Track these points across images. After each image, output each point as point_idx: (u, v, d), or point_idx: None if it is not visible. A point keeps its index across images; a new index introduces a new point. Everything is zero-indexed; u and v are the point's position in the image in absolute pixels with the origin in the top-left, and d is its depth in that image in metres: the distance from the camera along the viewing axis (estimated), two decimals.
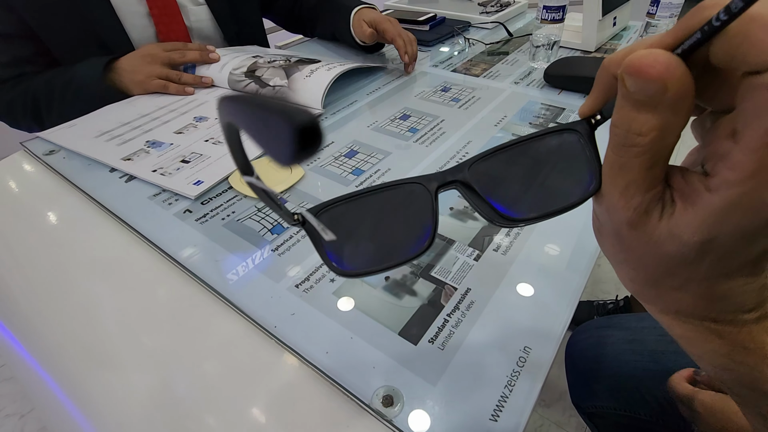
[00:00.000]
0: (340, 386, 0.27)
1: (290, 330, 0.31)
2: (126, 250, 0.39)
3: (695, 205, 0.13)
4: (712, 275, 0.15)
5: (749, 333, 0.16)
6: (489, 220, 0.19)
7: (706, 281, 0.15)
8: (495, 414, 0.26)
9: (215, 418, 0.27)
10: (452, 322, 0.31)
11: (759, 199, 0.12)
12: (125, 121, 0.58)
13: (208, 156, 0.50)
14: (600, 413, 0.55)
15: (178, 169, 0.48)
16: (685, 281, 0.15)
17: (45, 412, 0.34)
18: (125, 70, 0.62)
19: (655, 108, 0.13)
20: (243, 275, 0.35)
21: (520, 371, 0.28)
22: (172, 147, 0.52)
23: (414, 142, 0.53)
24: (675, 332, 0.17)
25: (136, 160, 0.50)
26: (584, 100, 0.19)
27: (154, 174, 0.47)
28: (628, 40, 0.84)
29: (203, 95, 0.65)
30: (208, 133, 0.55)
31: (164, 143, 0.53)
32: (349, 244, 0.19)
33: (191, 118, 0.58)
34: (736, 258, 0.14)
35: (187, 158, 0.50)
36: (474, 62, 0.76)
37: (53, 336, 0.33)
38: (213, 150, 0.51)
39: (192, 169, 0.48)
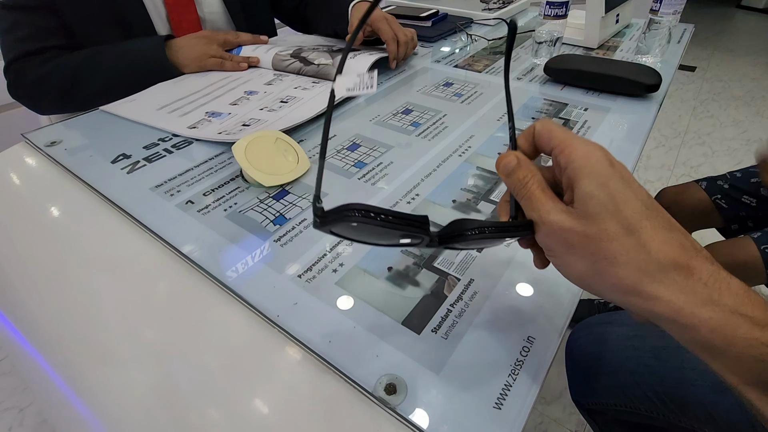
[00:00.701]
0: (343, 375, 0.27)
1: (293, 319, 0.31)
2: (127, 241, 0.39)
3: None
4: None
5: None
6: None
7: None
8: (499, 402, 0.26)
9: (217, 409, 0.27)
10: (455, 312, 0.31)
11: None
12: (181, 97, 0.62)
13: (265, 120, 0.55)
14: (600, 410, 0.55)
15: (240, 130, 0.52)
16: (613, 255, 0.21)
17: (47, 404, 0.34)
18: (182, 47, 0.66)
19: (515, 171, 0.24)
20: (245, 266, 0.35)
21: (524, 360, 0.28)
22: (230, 116, 0.57)
23: (416, 137, 0.53)
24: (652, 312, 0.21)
25: (200, 127, 0.54)
26: (586, 97, 0.35)
27: (220, 135, 0.52)
28: (631, 37, 0.83)
29: (248, 74, 0.70)
30: (262, 102, 0.60)
31: (223, 113, 0.58)
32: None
33: (242, 92, 0.63)
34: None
35: (246, 123, 0.55)
36: (476, 58, 0.76)
37: (55, 328, 0.33)
38: (269, 116, 0.56)
39: (253, 130, 0.52)
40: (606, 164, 0.22)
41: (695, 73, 2.54)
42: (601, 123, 0.55)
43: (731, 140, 1.91)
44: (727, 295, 0.19)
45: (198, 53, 0.66)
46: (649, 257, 0.20)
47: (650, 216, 0.21)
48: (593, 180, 0.22)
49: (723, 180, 0.82)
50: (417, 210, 0.41)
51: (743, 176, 0.80)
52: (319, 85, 0.64)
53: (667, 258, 0.20)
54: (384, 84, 0.66)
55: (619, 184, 0.22)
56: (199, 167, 0.48)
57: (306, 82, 0.66)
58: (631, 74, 0.60)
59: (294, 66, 0.68)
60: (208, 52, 0.67)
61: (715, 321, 0.19)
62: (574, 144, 0.23)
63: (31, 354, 0.32)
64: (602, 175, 0.22)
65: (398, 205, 0.42)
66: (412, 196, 0.43)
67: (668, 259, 0.20)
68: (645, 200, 0.22)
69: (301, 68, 0.68)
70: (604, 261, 0.21)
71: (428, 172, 0.46)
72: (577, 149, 0.23)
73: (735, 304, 0.19)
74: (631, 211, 0.21)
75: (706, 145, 1.89)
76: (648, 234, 0.20)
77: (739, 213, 0.79)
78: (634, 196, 0.21)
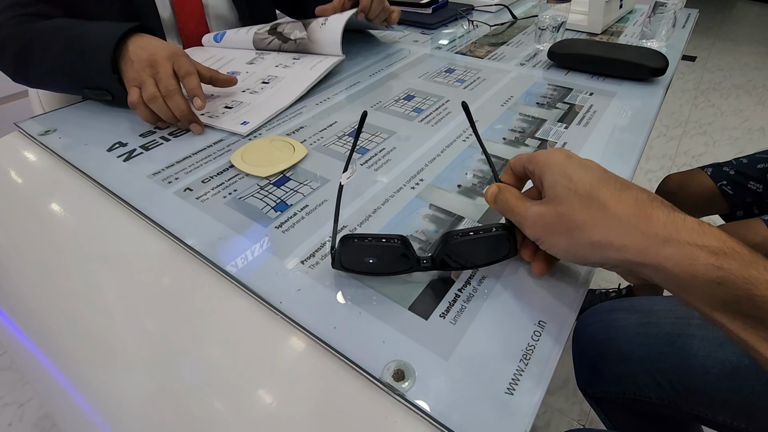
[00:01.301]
0: (349, 361, 0.27)
1: (296, 306, 0.30)
2: (125, 230, 0.38)
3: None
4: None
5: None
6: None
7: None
8: (510, 388, 0.25)
9: (221, 399, 0.26)
10: (464, 296, 0.30)
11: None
12: None
13: (248, 103, 0.55)
14: (608, 398, 0.55)
15: (223, 113, 0.53)
16: (583, 221, 0.25)
17: (48, 400, 0.33)
18: (131, 58, 0.49)
19: (497, 196, 0.31)
20: (246, 253, 0.34)
21: (535, 345, 0.27)
22: (214, 97, 0.57)
23: (419, 122, 0.52)
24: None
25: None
26: (591, 82, 0.43)
27: (203, 116, 0.52)
28: (635, 22, 0.82)
29: (230, 54, 0.69)
30: (244, 84, 0.60)
31: (206, 94, 0.55)
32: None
33: (225, 73, 0.62)
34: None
35: (229, 105, 0.55)
36: (478, 44, 0.75)
37: (54, 321, 0.32)
38: (251, 98, 0.57)
39: (236, 113, 0.53)
40: (563, 158, 0.28)
41: (696, 62, 2.52)
42: (607, 107, 0.54)
43: (732, 129, 1.90)
44: (684, 231, 0.22)
45: (132, 73, 0.49)
46: (611, 214, 0.24)
47: (605, 183, 0.25)
48: (554, 171, 0.27)
49: (729, 166, 0.81)
50: (422, 195, 0.40)
51: (749, 162, 0.79)
52: (299, 61, 0.64)
53: (625, 211, 0.24)
54: (384, 71, 0.65)
55: (575, 168, 0.27)
56: (197, 154, 0.47)
57: (287, 58, 0.66)
58: (636, 58, 0.59)
59: (274, 43, 0.68)
60: (142, 76, 0.48)
61: (676, 256, 0.22)
62: (538, 154, 0.30)
63: (30, 348, 0.31)
64: (560, 165, 0.28)
65: (402, 190, 0.41)
66: (416, 182, 0.42)
67: (627, 212, 0.24)
68: (599, 174, 0.26)
69: (281, 45, 0.68)
70: (577, 230, 0.25)
71: (432, 157, 0.45)
72: (540, 155, 0.29)
73: (692, 238, 0.22)
74: (588, 184, 0.26)
75: (707, 135, 1.88)
76: (605, 197, 0.25)
77: (745, 199, 0.78)
78: (589, 174, 0.26)
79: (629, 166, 0.43)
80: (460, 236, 0.28)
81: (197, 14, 0.71)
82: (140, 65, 0.49)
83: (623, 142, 0.47)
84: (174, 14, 0.69)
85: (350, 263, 0.30)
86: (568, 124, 0.50)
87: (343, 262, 0.30)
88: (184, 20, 0.70)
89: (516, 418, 0.24)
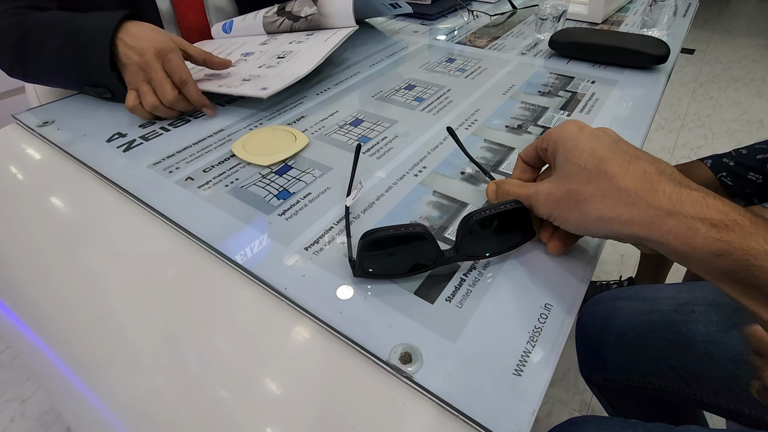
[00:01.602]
0: (356, 345, 0.26)
1: (301, 291, 0.30)
2: (127, 220, 0.38)
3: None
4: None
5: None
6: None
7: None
8: (518, 369, 0.25)
9: (228, 386, 0.26)
10: (469, 281, 0.30)
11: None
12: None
13: (265, 75, 0.55)
14: (611, 385, 0.55)
15: (241, 84, 0.53)
16: (591, 194, 0.26)
17: (54, 393, 0.33)
18: (129, 49, 0.48)
19: (497, 190, 0.33)
20: (249, 239, 0.34)
21: (542, 327, 0.27)
22: (229, 74, 0.57)
23: (421, 111, 0.51)
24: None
25: (200, 84, 0.53)
26: (592, 71, 0.45)
27: (221, 88, 0.52)
28: (635, 12, 0.82)
29: (241, 39, 0.68)
30: (260, 61, 0.59)
31: (222, 73, 0.57)
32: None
33: (239, 55, 0.62)
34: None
35: (246, 78, 0.55)
36: (478, 35, 0.74)
37: (58, 314, 0.31)
38: (269, 71, 0.56)
39: (255, 82, 0.53)
40: (575, 131, 0.28)
41: (694, 55, 2.52)
42: (609, 95, 0.53)
43: (731, 122, 1.90)
44: (687, 204, 0.22)
45: (127, 78, 0.48)
46: (618, 188, 0.24)
47: (614, 156, 0.25)
48: (566, 145, 0.27)
49: (728, 157, 0.81)
50: (425, 182, 0.40)
51: (749, 153, 0.79)
52: (312, 36, 0.63)
53: (632, 185, 0.24)
54: (384, 61, 0.65)
55: (586, 141, 0.27)
56: (198, 144, 0.46)
57: (300, 36, 0.65)
58: (638, 46, 0.58)
59: (285, 24, 0.67)
60: (136, 82, 0.48)
61: (677, 229, 0.22)
62: (551, 131, 0.30)
63: (35, 342, 0.31)
64: (572, 139, 0.27)
65: (405, 177, 0.40)
66: (419, 169, 0.41)
67: (633, 185, 0.24)
68: (609, 145, 0.26)
69: (292, 25, 0.67)
70: (585, 203, 0.25)
71: (435, 145, 0.45)
72: (553, 132, 0.29)
73: (694, 211, 0.22)
74: (597, 158, 0.26)
75: (705, 127, 1.88)
76: (614, 170, 0.25)
77: (744, 190, 0.78)
78: (600, 145, 0.26)
79: None
80: (478, 215, 0.28)
81: (196, 6, 0.70)
82: (133, 69, 0.48)
83: (626, 128, 0.47)
84: (173, 6, 0.68)
85: (373, 264, 0.29)
86: (571, 111, 0.50)
87: (366, 265, 0.29)
88: (183, 12, 0.69)
89: (524, 399, 0.24)
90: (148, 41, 0.48)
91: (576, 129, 0.28)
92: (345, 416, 0.24)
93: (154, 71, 0.47)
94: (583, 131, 0.28)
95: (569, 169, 0.27)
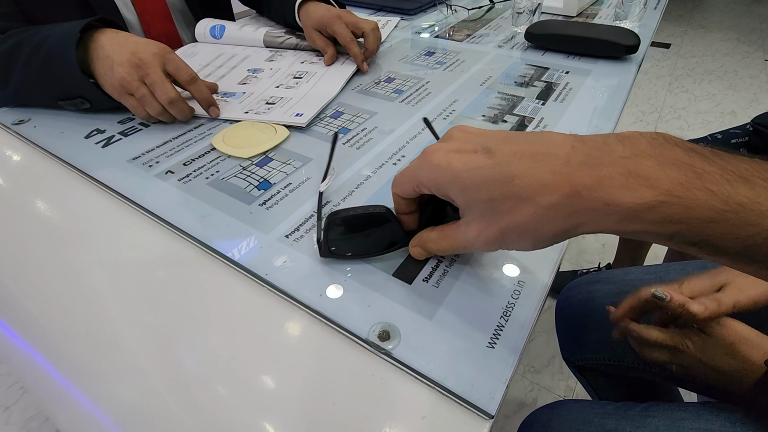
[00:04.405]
0: (336, 325, 0.27)
1: (282, 276, 0.30)
2: (107, 214, 0.38)
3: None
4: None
5: None
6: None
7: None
8: (492, 341, 0.26)
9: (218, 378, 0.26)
10: (446, 262, 0.31)
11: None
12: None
13: (289, 98, 0.52)
14: (589, 365, 0.57)
15: (269, 109, 0.50)
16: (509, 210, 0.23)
17: (45, 400, 0.32)
18: (104, 57, 0.45)
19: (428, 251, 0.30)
20: (231, 229, 0.34)
21: (515, 303, 0.28)
22: (246, 95, 0.54)
23: (400, 102, 0.52)
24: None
25: (221, 107, 0.51)
26: (567, 61, 0.36)
27: (248, 114, 0.49)
28: (609, 5, 0.84)
29: (243, 51, 0.66)
30: (274, 80, 0.57)
31: (236, 92, 0.54)
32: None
33: (245, 71, 0.59)
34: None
35: (269, 101, 0.52)
36: (456, 29, 0.75)
37: (42, 313, 0.31)
38: (290, 93, 0.54)
39: (282, 108, 0.50)
40: (445, 166, 0.24)
41: (670, 49, 2.58)
42: (583, 84, 0.55)
43: (705, 113, 1.96)
44: (614, 189, 0.20)
45: (118, 79, 0.44)
46: (546, 206, 0.21)
47: (513, 172, 0.22)
48: (454, 189, 0.24)
49: (704, 142, 0.84)
50: None
51: (724, 137, 0.82)
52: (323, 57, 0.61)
53: (555, 199, 0.21)
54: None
55: (467, 173, 0.23)
56: (177, 139, 0.46)
57: (309, 56, 0.64)
58: (610, 36, 0.60)
59: (290, 42, 0.66)
60: (131, 83, 0.44)
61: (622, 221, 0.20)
62: (415, 173, 0.26)
63: (21, 345, 0.31)
64: (451, 179, 0.24)
65: (384, 166, 0.41)
66: (398, 158, 0.42)
67: (557, 199, 0.21)
68: (491, 164, 0.23)
69: (298, 44, 0.66)
70: (531, 232, 0.22)
71: (413, 135, 0.46)
72: (421, 175, 0.25)
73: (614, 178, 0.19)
74: (499, 190, 0.22)
75: (681, 119, 1.93)
76: (525, 191, 0.21)
77: None
78: (488, 170, 0.23)
79: None
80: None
81: (162, 13, 0.67)
82: (124, 68, 0.44)
83: (599, 114, 0.49)
84: (137, 14, 0.64)
85: (339, 245, 0.30)
86: (545, 100, 0.52)
87: (331, 244, 0.30)
88: (149, 20, 0.65)
89: (497, 369, 0.25)
90: (143, 42, 0.45)
91: (444, 162, 0.24)
92: (324, 393, 0.24)
93: (152, 68, 0.45)
94: (450, 162, 0.24)
95: (483, 208, 0.23)
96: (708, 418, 0.37)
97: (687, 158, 0.19)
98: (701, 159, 0.19)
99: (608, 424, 0.39)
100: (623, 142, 0.20)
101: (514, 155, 0.22)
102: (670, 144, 0.19)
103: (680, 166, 0.19)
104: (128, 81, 0.44)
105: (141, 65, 0.44)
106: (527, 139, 0.23)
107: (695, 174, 0.18)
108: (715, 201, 0.18)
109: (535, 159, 0.21)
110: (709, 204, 0.18)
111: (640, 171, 0.19)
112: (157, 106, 0.46)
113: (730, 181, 0.18)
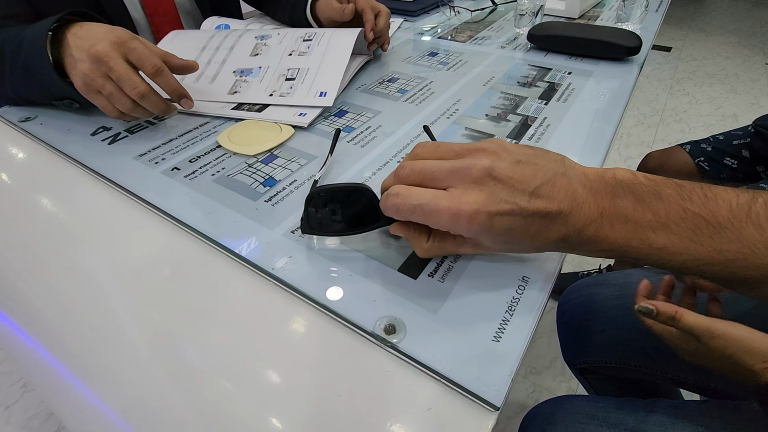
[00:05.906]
0: (342, 319, 0.27)
1: (288, 271, 0.31)
2: (113, 210, 0.38)
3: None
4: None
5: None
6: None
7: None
8: (497, 335, 0.26)
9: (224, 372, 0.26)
10: (450, 257, 0.31)
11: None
12: (192, 58, 0.48)
13: (306, 68, 0.51)
14: (591, 368, 0.57)
15: (291, 88, 0.48)
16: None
17: (51, 396, 0.33)
18: (74, 49, 0.40)
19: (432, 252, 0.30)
20: (237, 225, 0.35)
21: (519, 298, 0.28)
22: (262, 70, 0.52)
23: (404, 102, 0.53)
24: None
25: (242, 91, 0.49)
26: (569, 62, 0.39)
27: (272, 97, 0.48)
28: (611, 7, 0.84)
29: (238, 23, 0.65)
30: (284, 46, 0.54)
31: (252, 68, 0.52)
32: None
33: (253, 38, 0.56)
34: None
35: (288, 76, 0.50)
36: (459, 30, 0.76)
37: (49, 310, 0.31)
38: (305, 61, 0.52)
39: (303, 84, 0.49)
40: (460, 220, 0.25)
41: (671, 53, 2.59)
42: (585, 86, 0.55)
43: (707, 116, 1.96)
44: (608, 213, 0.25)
45: (80, 77, 0.40)
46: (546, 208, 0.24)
47: (519, 226, 0.25)
48: (482, 239, 0.26)
49: (706, 143, 0.84)
50: None
51: (726, 139, 0.82)
52: (314, 39, 0.57)
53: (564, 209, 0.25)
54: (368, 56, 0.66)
55: (479, 230, 0.25)
56: (183, 137, 0.47)
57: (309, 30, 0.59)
58: (612, 38, 0.61)
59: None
60: (95, 80, 0.40)
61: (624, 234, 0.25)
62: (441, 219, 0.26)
63: (27, 341, 0.31)
64: (488, 236, 0.25)
65: (389, 164, 0.41)
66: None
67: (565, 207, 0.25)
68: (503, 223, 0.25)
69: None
70: (532, 239, 0.26)
71: (417, 134, 0.46)
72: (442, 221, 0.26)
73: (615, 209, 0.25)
74: (512, 236, 0.25)
75: (683, 122, 1.93)
76: (530, 207, 0.24)
77: (720, 175, 0.81)
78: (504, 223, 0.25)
79: (606, 138, 0.45)
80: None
81: (171, 15, 0.67)
82: (85, 65, 0.40)
83: (601, 115, 0.49)
84: (146, 16, 0.65)
85: (320, 222, 0.31)
86: (548, 100, 0.52)
87: (311, 221, 0.31)
88: (158, 22, 0.66)
89: (502, 362, 0.25)
90: (102, 32, 0.41)
91: (486, 225, 0.24)
92: (331, 385, 0.24)
93: (114, 61, 0.39)
94: (492, 225, 0.25)
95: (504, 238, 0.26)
96: (711, 415, 0.37)
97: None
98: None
99: (611, 418, 0.39)
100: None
101: (532, 198, 0.25)
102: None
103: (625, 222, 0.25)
104: (91, 78, 0.40)
105: (102, 59, 0.39)
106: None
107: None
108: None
109: (566, 192, 0.25)
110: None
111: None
112: (127, 102, 0.41)
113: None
